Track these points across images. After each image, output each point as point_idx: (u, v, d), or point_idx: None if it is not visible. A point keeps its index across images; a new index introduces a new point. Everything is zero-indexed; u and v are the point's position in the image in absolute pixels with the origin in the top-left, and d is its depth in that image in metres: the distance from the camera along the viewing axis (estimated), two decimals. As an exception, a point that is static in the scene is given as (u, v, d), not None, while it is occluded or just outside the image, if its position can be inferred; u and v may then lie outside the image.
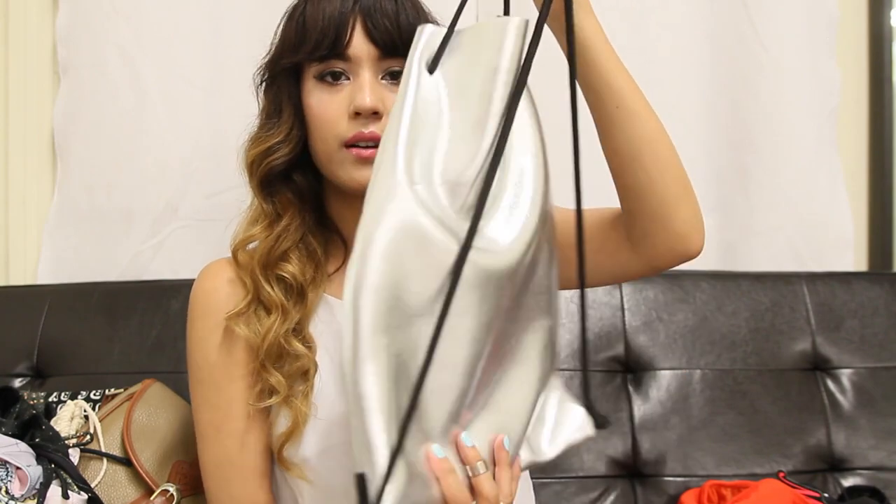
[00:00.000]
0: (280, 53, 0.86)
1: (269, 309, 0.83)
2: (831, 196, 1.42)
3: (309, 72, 0.83)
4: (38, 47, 1.41)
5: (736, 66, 1.40)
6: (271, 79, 0.87)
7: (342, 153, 0.82)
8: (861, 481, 1.19)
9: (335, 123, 0.81)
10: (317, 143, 0.84)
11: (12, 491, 0.84)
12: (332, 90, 0.82)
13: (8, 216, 1.42)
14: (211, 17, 1.38)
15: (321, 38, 0.81)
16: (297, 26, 0.83)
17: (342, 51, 0.80)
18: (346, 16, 0.80)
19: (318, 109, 0.82)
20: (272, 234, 0.85)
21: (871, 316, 1.28)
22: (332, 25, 0.80)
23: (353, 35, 0.80)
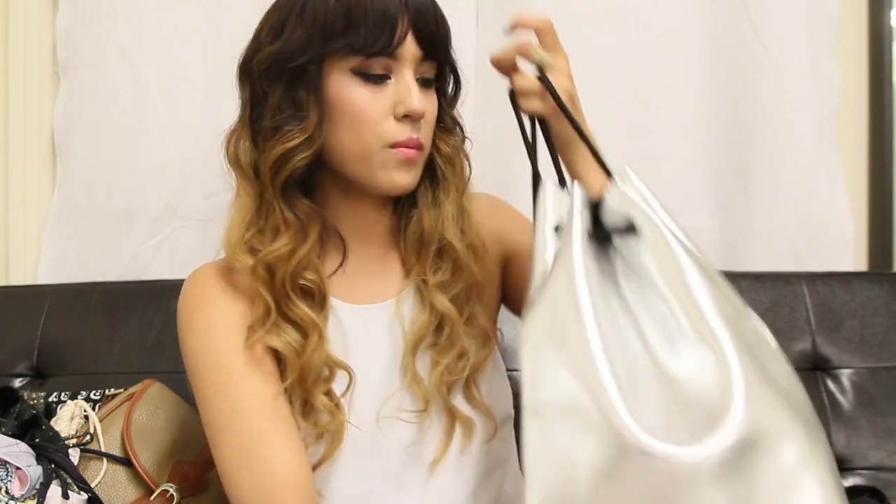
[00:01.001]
0: (306, 41, 0.77)
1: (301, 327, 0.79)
2: (831, 196, 1.42)
3: (342, 64, 0.77)
4: (38, 47, 1.41)
5: (736, 66, 1.40)
6: (288, 69, 0.78)
7: (385, 153, 0.78)
8: (861, 481, 1.19)
9: (378, 123, 0.78)
10: (350, 141, 0.78)
11: (12, 491, 0.84)
12: (375, 88, 0.78)
13: (8, 216, 1.42)
14: (211, 17, 1.38)
15: (375, 33, 0.75)
16: (340, 13, 0.76)
17: (393, 49, 0.76)
18: (397, 12, 0.76)
19: (359, 107, 0.77)
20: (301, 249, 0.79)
21: (871, 316, 1.28)
22: (385, 20, 0.75)
23: (404, 32, 0.77)
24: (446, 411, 0.82)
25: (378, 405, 0.81)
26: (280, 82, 0.78)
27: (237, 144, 0.82)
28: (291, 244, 0.79)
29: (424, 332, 0.83)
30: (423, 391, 0.81)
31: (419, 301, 0.85)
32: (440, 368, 0.81)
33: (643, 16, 1.40)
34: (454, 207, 0.85)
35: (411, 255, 0.86)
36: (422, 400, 0.81)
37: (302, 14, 0.77)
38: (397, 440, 0.81)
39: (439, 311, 0.83)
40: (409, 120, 0.78)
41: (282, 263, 0.78)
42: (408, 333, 0.83)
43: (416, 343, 0.83)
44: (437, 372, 0.81)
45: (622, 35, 1.40)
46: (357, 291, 0.86)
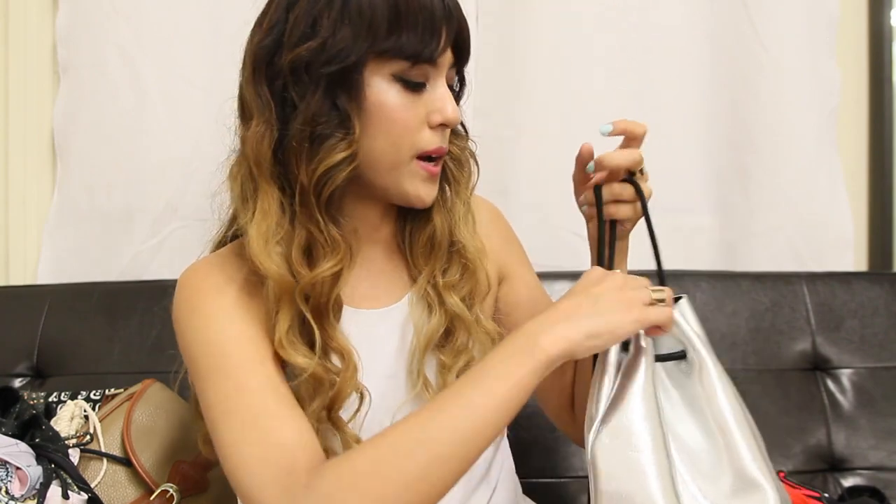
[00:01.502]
0: (352, 41, 0.71)
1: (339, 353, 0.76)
2: (831, 196, 1.42)
3: (383, 68, 0.73)
4: (38, 47, 1.41)
5: (736, 65, 1.40)
6: (330, 72, 0.72)
7: (413, 165, 0.77)
8: (861, 481, 1.19)
9: (414, 131, 0.75)
10: (384, 149, 0.75)
11: (12, 491, 0.84)
12: (413, 95, 0.75)
13: (8, 216, 1.42)
14: (211, 17, 1.38)
15: (425, 39, 0.73)
16: (388, 14, 0.71)
17: (436, 57, 0.74)
18: (442, 18, 0.74)
19: (400, 115, 0.74)
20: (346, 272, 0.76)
21: (871, 316, 1.28)
22: (433, 26, 0.73)
23: (448, 40, 0.75)
24: None
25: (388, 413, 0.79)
26: (316, 86, 0.72)
27: (261, 144, 0.75)
28: (339, 266, 0.75)
29: (434, 335, 0.81)
30: (432, 395, 0.80)
31: (426, 305, 0.83)
32: (453, 372, 0.80)
33: (643, 16, 1.40)
34: (463, 207, 0.84)
35: (419, 258, 0.84)
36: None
37: (345, 9, 0.72)
38: None
39: (451, 313, 0.82)
40: (441, 128, 0.77)
41: (326, 286, 0.75)
42: (418, 337, 0.82)
43: (425, 347, 0.81)
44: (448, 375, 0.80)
45: (622, 35, 1.40)
46: (361, 295, 0.84)
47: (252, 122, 0.76)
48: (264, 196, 0.75)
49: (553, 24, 1.38)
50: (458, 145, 0.85)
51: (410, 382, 0.81)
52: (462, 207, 0.84)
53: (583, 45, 1.40)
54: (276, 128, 0.74)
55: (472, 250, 0.83)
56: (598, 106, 1.40)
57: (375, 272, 0.85)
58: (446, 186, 0.84)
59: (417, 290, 0.84)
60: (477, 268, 0.83)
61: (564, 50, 1.39)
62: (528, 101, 1.38)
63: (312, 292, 0.74)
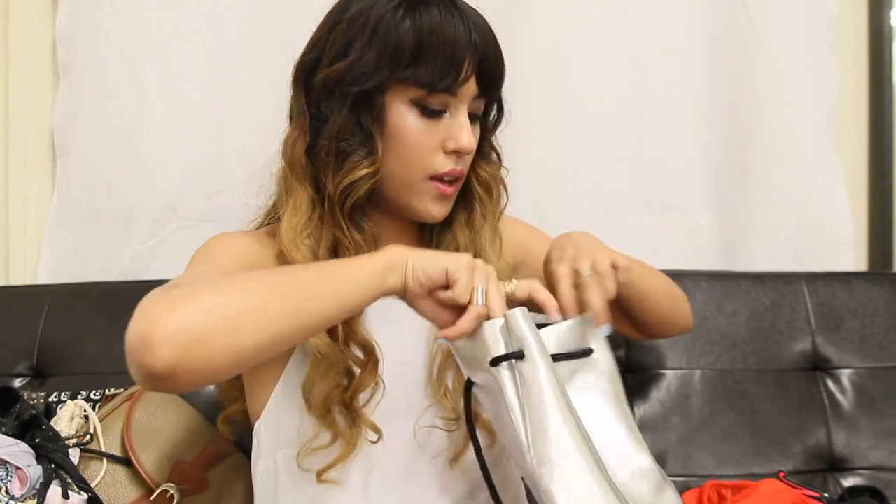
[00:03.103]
0: (375, 65, 0.77)
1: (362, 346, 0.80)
2: (831, 195, 1.42)
3: (404, 93, 0.78)
4: (38, 47, 1.41)
5: (735, 65, 1.40)
6: (354, 92, 0.78)
7: (426, 185, 0.81)
8: (861, 481, 1.19)
9: (428, 155, 0.80)
10: (398, 168, 0.80)
11: (12, 491, 0.84)
12: (431, 122, 0.80)
13: (8, 216, 1.42)
14: (211, 17, 1.38)
15: (444, 70, 0.77)
16: (412, 43, 0.76)
17: (456, 89, 0.78)
18: (465, 50, 0.78)
19: (415, 139, 0.79)
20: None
21: (871, 316, 1.28)
22: (454, 58, 0.77)
23: (469, 73, 0.79)
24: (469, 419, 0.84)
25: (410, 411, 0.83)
26: (343, 103, 0.79)
27: (295, 148, 0.82)
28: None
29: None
30: (452, 402, 0.83)
31: None
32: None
33: (642, 14, 1.40)
34: (490, 232, 0.88)
35: None
36: (451, 410, 0.83)
37: (374, 36, 0.77)
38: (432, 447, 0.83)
39: None
40: (456, 154, 0.81)
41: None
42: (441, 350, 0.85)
43: (448, 355, 0.84)
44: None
45: (621, 34, 1.40)
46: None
47: (290, 127, 0.85)
48: (296, 194, 0.81)
49: (552, 22, 1.38)
50: (489, 171, 0.89)
51: (431, 389, 0.84)
52: (489, 231, 0.88)
53: (582, 43, 1.40)
54: (308, 136, 0.81)
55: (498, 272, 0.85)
56: (597, 105, 1.40)
57: None
58: (475, 210, 0.89)
59: None
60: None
61: (563, 48, 1.39)
62: (526, 100, 1.38)
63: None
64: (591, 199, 1.41)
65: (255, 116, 1.36)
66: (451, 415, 0.84)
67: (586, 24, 1.39)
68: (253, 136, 1.36)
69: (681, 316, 0.97)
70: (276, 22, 1.37)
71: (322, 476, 0.80)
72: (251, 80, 1.37)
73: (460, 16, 0.79)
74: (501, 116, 0.89)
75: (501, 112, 0.89)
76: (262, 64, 1.37)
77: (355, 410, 0.80)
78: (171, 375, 0.60)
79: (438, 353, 0.85)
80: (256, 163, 0.89)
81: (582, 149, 1.40)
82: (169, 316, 0.60)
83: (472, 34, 0.79)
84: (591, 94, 1.40)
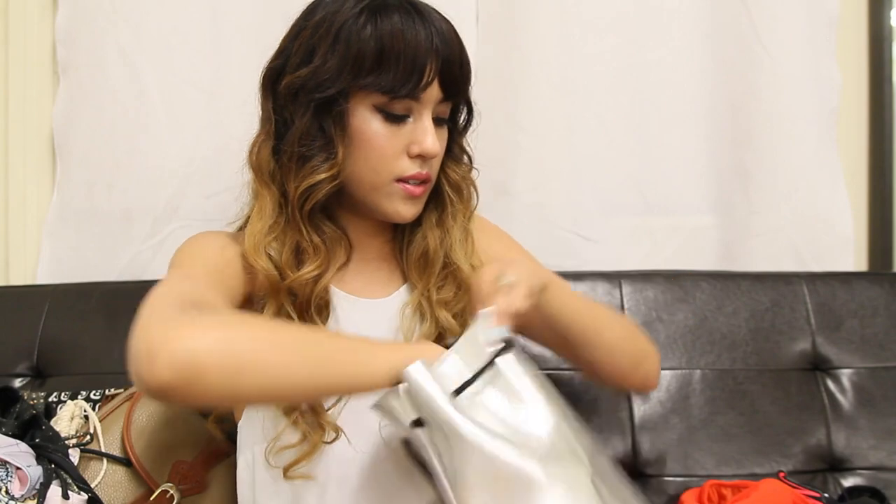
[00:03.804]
0: (337, 72, 0.79)
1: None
2: (831, 196, 1.42)
3: (366, 99, 0.80)
4: (38, 47, 1.41)
5: (736, 66, 1.40)
6: (317, 98, 0.80)
7: (392, 187, 0.83)
8: (861, 481, 1.19)
9: (393, 160, 0.82)
10: (364, 172, 0.82)
11: (12, 491, 0.84)
12: (394, 126, 0.81)
13: (8, 216, 1.42)
14: (211, 18, 1.38)
15: (405, 76, 0.78)
16: (372, 50, 0.78)
17: (418, 94, 0.80)
18: (427, 55, 0.79)
19: (378, 143, 0.81)
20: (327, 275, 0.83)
21: (871, 316, 1.28)
22: (415, 64, 0.78)
23: (431, 78, 0.80)
24: None
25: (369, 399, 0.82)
26: (307, 109, 0.81)
27: (260, 153, 0.85)
28: (318, 270, 0.82)
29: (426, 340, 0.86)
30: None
31: (419, 314, 0.89)
32: None
33: (643, 16, 1.40)
34: (461, 232, 0.90)
35: (413, 271, 0.90)
36: None
37: (335, 43, 0.79)
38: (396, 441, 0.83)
39: (441, 326, 0.87)
40: (420, 158, 0.83)
41: (308, 287, 0.81)
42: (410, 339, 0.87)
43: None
44: None
45: (622, 35, 1.40)
46: (356, 286, 0.89)
47: (258, 132, 0.87)
48: (262, 198, 0.84)
49: (553, 23, 1.38)
50: (458, 173, 0.91)
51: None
52: (459, 232, 0.90)
53: (582, 45, 1.40)
54: (273, 140, 0.84)
55: (468, 272, 0.89)
56: (598, 105, 1.40)
57: (371, 271, 0.92)
58: (446, 210, 0.90)
59: (412, 299, 0.89)
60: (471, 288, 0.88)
61: (564, 49, 1.39)
62: (527, 101, 1.38)
63: (298, 291, 0.82)
64: (592, 200, 1.41)
65: (255, 117, 1.34)
66: None
67: (587, 25, 1.39)
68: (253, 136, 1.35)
69: (641, 371, 0.97)
70: (276, 22, 1.36)
71: (288, 473, 0.82)
72: (251, 81, 1.36)
73: (422, 21, 0.79)
74: (471, 118, 0.90)
75: (471, 114, 0.90)
76: (261, 64, 1.36)
77: (318, 411, 0.81)
78: (164, 395, 0.61)
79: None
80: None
81: (582, 150, 1.40)
82: (179, 341, 0.61)
83: (434, 39, 0.79)
84: (592, 96, 1.40)
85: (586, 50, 1.39)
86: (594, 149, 1.41)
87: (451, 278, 0.90)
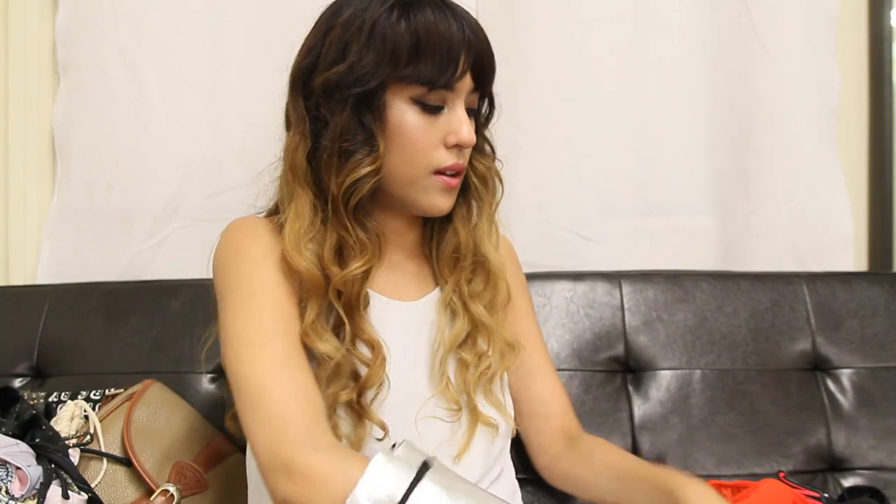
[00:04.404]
0: (375, 66, 0.79)
1: (368, 344, 0.82)
2: (831, 196, 1.42)
3: (403, 91, 0.81)
4: (38, 47, 1.41)
5: (736, 66, 1.40)
6: (356, 93, 0.80)
7: (430, 179, 0.84)
8: (861, 481, 1.19)
9: (430, 152, 0.82)
10: (401, 166, 0.82)
11: (12, 491, 0.84)
12: (431, 118, 0.82)
13: (8, 216, 1.42)
14: (211, 18, 1.38)
15: (441, 66, 0.79)
16: (409, 42, 0.79)
17: (453, 84, 0.81)
18: (461, 46, 0.80)
19: (416, 136, 0.82)
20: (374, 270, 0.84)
21: (871, 316, 1.28)
22: (450, 55, 0.80)
23: (466, 68, 0.81)
24: (470, 411, 0.87)
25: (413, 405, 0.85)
26: (345, 105, 0.80)
27: (295, 153, 0.83)
28: (367, 266, 0.82)
29: (457, 339, 0.87)
30: (453, 393, 0.86)
31: (450, 311, 0.89)
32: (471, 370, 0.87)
33: (643, 16, 1.40)
34: (487, 224, 0.91)
35: (444, 267, 0.91)
36: (453, 401, 0.86)
37: (371, 38, 0.79)
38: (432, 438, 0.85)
39: (475, 320, 0.88)
40: (457, 148, 0.83)
41: (356, 284, 0.81)
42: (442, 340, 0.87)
43: (449, 349, 0.87)
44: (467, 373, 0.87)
45: (621, 36, 1.40)
46: (390, 289, 0.90)
47: (290, 133, 0.86)
48: (298, 199, 0.83)
49: (553, 24, 1.38)
50: (484, 164, 0.91)
51: (433, 381, 0.87)
52: (486, 224, 0.91)
53: (583, 45, 1.40)
54: (310, 140, 0.83)
55: (496, 263, 0.91)
56: (597, 106, 1.40)
57: (401, 272, 0.92)
58: (473, 203, 0.91)
59: (443, 297, 0.90)
60: (499, 279, 0.91)
61: (564, 50, 1.39)
62: (527, 101, 1.38)
63: (345, 288, 0.81)
64: (592, 200, 1.41)
65: (255, 117, 1.36)
66: (452, 405, 0.86)
67: (587, 25, 1.39)
68: (253, 136, 1.35)
69: None
70: (275, 22, 1.37)
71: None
72: (251, 81, 1.37)
73: (452, 14, 0.81)
74: (493, 110, 0.91)
75: (493, 106, 0.91)
76: (262, 64, 1.37)
77: (363, 408, 0.81)
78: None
79: (441, 346, 0.87)
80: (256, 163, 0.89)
81: (582, 150, 1.40)
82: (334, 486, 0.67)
83: (466, 31, 0.81)
84: (592, 96, 1.40)
85: (586, 50, 1.39)
86: (594, 149, 1.41)
87: (480, 270, 0.91)
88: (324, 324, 0.81)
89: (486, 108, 0.91)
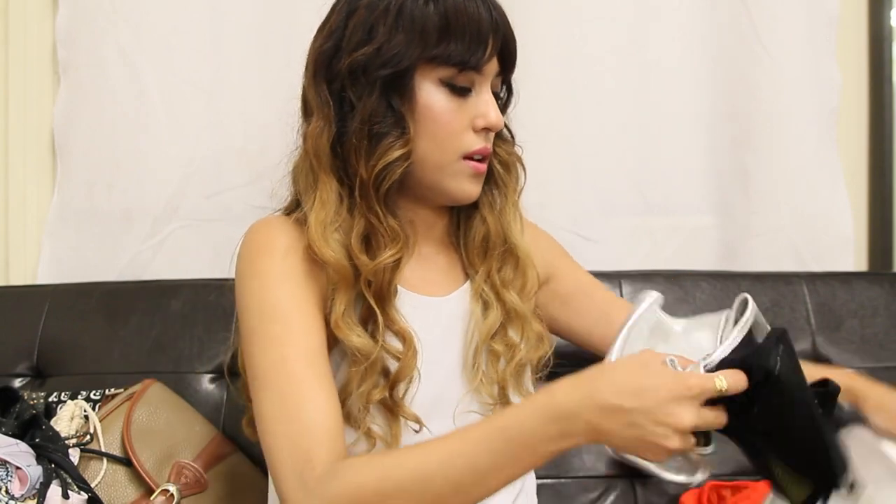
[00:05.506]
0: (405, 47, 0.77)
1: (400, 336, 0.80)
2: (831, 196, 1.42)
3: (432, 73, 0.79)
4: (38, 47, 1.41)
5: (736, 66, 1.40)
6: (385, 75, 0.78)
7: (459, 164, 0.82)
8: (861, 481, 1.18)
9: (459, 135, 0.81)
10: (430, 150, 0.81)
11: (12, 491, 0.84)
12: (460, 100, 0.81)
13: (8, 216, 1.42)
14: (211, 18, 1.38)
15: (472, 48, 0.78)
16: (438, 23, 0.77)
17: (482, 65, 0.80)
18: (489, 28, 0.79)
19: (446, 119, 0.80)
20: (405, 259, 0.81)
21: (871, 316, 1.28)
22: (480, 36, 0.79)
23: (494, 50, 0.80)
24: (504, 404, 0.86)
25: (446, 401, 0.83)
26: (373, 87, 0.78)
27: (320, 139, 0.80)
28: (399, 254, 0.80)
29: (492, 329, 0.86)
30: (489, 387, 0.84)
31: (482, 301, 0.87)
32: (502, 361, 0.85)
33: (643, 16, 1.40)
34: (513, 210, 0.90)
35: (474, 257, 0.89)
36: (488, 394, 0.84)
37: (399, 19, 0.78)
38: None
39: (508, 308, 0.87)
40: (485, 132, 0.82)
41: (388, 273, 0.79)
42: (478, 332, 0.86)
43: (483, 341, 0.85)
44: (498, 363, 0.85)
45: (621, 35, 1.40)
46: (419, 283, 0.87)
47: (312, 119, 0.82)
48: (323, 187, 0.80)
49: (553, 24, 1.38)
50: (506, 149, 0.91)
51: (467, 375, 0.85)
52: (511, 210, 0.90)
53: (583, 44, 1.39)
54: (335, 125, 0.80)
55: (524, 250, 0.89)
56: (597, 106, 1.40)
57: (430, 265, 0.90)
58: (496, 190, 0.90)
59: (474, 288, 0.88)
60: (528, 266, 0.89)
61: (564, 49, 1.39)
62: (527, 101, 1.38)
63: (375, 279, 0.79)
64: (592, 200, 1.41)
65: (255, 116, 1.36)
66: (489, 400, 0.84)
67: (587, 25, 1.39)
68: (253, 136, 1.35)
69: None
70: (275, 22, 1.37)
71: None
72: (251, 80, 1.37)
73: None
74: (511, 97, 0.91)
75: (511, 92, 0.90)
76: (262, 64, 1.37)
77: (396, 403, 0.79)
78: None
79: (473, 339, 0.86)
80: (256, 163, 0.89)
81: (582, 150, 1.40)
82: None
83: (493, 13, 0.80)
84: (592, 96, 1.40)
85: (586, 50, 1.39)
86: (594, 148, 1.41)
87: (510, 258, 0.89)
88: (352, 315, 0.79)
89: (505, 94, 0.90)
